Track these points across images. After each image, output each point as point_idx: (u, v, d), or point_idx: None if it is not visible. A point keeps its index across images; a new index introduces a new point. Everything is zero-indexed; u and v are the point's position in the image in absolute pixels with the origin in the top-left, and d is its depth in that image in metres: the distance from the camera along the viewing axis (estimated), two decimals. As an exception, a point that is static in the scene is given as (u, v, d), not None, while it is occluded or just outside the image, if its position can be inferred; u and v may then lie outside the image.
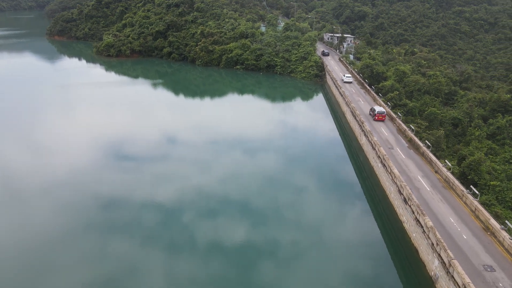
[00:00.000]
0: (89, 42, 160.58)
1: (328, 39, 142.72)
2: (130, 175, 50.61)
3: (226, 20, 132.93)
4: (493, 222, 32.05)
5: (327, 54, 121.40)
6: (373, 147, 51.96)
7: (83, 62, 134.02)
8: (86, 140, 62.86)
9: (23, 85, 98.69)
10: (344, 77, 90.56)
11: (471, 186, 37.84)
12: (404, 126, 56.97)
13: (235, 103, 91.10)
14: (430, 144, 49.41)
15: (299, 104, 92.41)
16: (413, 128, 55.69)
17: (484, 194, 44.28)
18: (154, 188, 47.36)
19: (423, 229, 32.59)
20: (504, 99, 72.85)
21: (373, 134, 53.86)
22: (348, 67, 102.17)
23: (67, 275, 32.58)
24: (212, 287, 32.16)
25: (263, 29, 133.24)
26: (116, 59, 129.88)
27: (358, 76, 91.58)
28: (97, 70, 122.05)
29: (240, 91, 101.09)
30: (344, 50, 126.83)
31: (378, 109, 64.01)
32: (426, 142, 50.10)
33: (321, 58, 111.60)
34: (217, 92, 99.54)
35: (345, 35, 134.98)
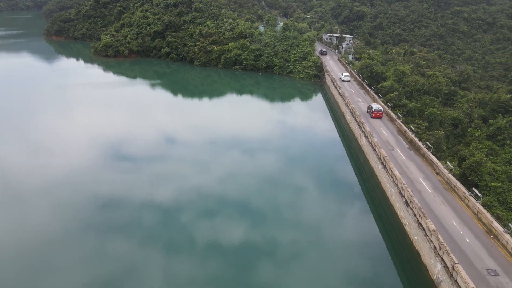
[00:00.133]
0: (87, 42, 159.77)
1: (327, 39, 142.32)
2: (129, 175, 50.40)
3: (225, 20, 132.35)
4: (496, 225, 31.66)
5: (325, 54, 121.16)
6: (373, 148, 51.56)
7: (81, 62, 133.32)
8: (84, 140, 62.52)
9: (21, 85, 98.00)
10: (342, 75, 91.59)
11: (473, 188, 37.45)
12: (404, 127, 56.60)
13: (234, 104, 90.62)
14: (431, 145, 49.01)
15: (298, 104, 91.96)
16: (413, 129, 55.31)
17: (485, 195, 43.91)
18: (153, 188, 47.18)
19: (425, 232, 32.18)
20: (504, 100, 72.57)
21: (373, 135, 53.46)
22: (347, 67, 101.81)
23: (66, 275, 32.51)
24: (211, 287, 31.93)
25: (262, 29, 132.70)
26: (114, 60, 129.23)
27: (357, 76, 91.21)
28: (95, 70, 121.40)
29: (239, 92, 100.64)
30: (343, 50, 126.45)
31: (375, 106, 65.54)
32: (427, 143, 49.70)
33: (320, 58, 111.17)
34: (215, 92, 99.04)
35: (344, 35, 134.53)
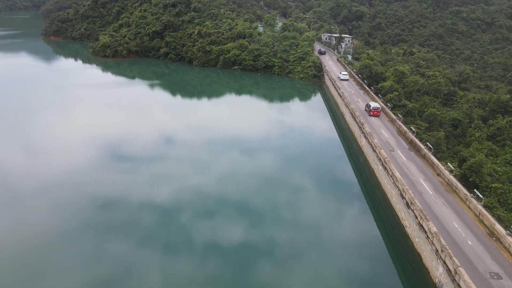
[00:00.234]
0: (85, 43, 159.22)
1: (326, 39, 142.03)
2: (128, 176, 50.36)
3: (224, 20, 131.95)
4: (498, 227, 31.38)
5: (324, 53, 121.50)
6: (373, 149, 51.26)
7: (79, 62, 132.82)
8: (84, 141, 62.34)
9: (20, 86, 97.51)
10: (340, 74, 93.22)
11: (475, 190, 37.18)
12: (404, 128, 56.30)
13: (233, 104, 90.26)
14: (431, 146, 48.72)
15: (297, 104, 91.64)
16: (414, 130, 55.02)
17: (485, 196, 43.61)
18: (152, 188, 47.15)
19: (427, 234, 31.88)
20: (504, 100, 72.33)
21: (373, 136, 53.15)
22: (346, 67, 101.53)
23: (65, 276, 32.48)
24: (210, 287, 31.82)
25: (261, 29, 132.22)
26: (112, 60, 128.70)
27: (357, 76, 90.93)
28: (93, 70, 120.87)
29: (237, 92, 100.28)
30: (342, 50, 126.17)
31: (373, 104, 66.48)
32: (428, 144, 49.39)
33: (319, 58, 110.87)
34: (214, 92, 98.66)
35: (343, 35, 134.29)
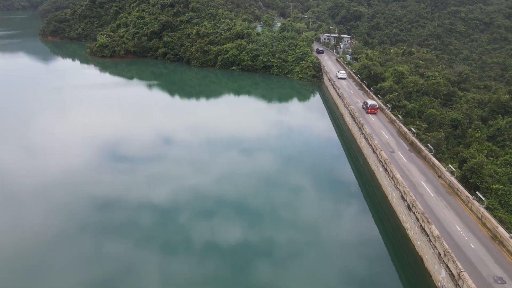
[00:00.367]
0: (82, 43, 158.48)
1: (324, 39, 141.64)
2: (126, 176, 50.13)
3: (222, 20, 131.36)
4: (501, 230, 31.00)
5: (322, 52, 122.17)
6: (373, 151, 50.84)
7: (77, 63, 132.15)
8: (82, 141, 61.99)
9: (17, 86, 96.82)
10: (338, 73, 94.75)
11: (477, 192, 36.81)
12: (405, 129, 55.89)
13: (232, 104, 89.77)
14: (432, 147, 48.31)
15: (296, 105, 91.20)
16: (414, 131, 54.61)
17: (486, 198, 43.19)
18: (150, 189, 46.95)
19: (429, 238, 31.48)
20: (503, 100, 72.11)
21: (373, 137, 52.73)
22: (345, 68, 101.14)
23: (63, 276, 32.29)
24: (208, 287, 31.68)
25: (259, 29, 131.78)
26: (110, 60, 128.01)
27: (356, 77, 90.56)
28: (91, 71, 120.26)
29: (236, 92, 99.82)
30: (341, 50, 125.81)
31: (370, 102, 68.22)
32: (428, 145, 48.98)
33: (318, 58, 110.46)
34: (213, 93, 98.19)
35: (342, 35, 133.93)
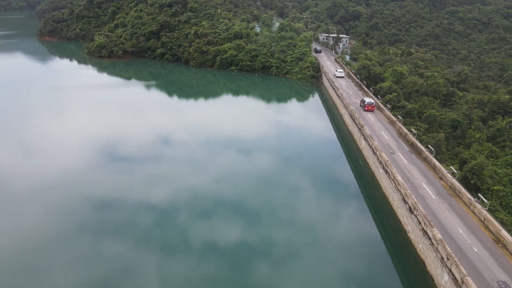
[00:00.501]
0: (80, 43, 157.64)
1: (323, 40, 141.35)
2: (125, 177, 49.79)
3: (220, 20, 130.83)
4: (504, 233, 30.63)
5: (319, 51, 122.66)
6: (374, 152, 50.45)
7: (75, 63, 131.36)
8: (80, 142, 61.53)
9: (15, 87, 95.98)
10: (336, 72, 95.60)
11: (479, 195, 36.45)
12: (405, 130, 55.52)
13: (230, 105, 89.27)
14: (433, 149, 47.94)
15: (295, 105, 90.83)
16: (414, 132, 54.23)
17: (487, 199, 42.88)
18: (148, 189, 46.62)
19: (431, 241, 31.08)
20: (503, 101, 71.91)
21: (373, 138, 52.35)
22: (344, 68, 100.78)
23: (61, 277, 32.04)
24: (207, 288, 31.51)
25: (258, 29, 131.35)
26: (108, 60, 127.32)
27: (355, 77, 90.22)
28: (89, 71, 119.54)
29: (235, 93, 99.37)
30: (340, 50, 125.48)
31: (368, 100, 69.57)
32: (429, 147, 48.60)
33: (317, 59, 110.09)
34: (211, 93, 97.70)
35: (340, 36, 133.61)
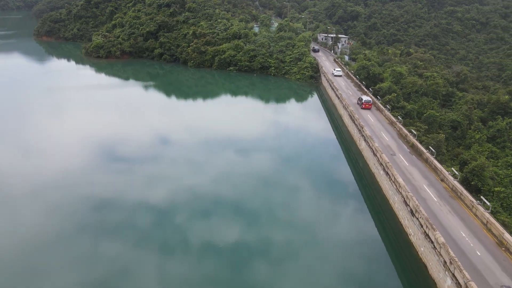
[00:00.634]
0: (78, 43, 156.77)
1: (322, 40, 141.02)
2: (124, 177, 49.59)
3: (219, 20, 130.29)
4: (507, 236, 30.28)
5: (317, 51, 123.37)
6: (374, 154, 50.06)
7: (72, 63, 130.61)
8: (78, 143, 61.19)
9: (12, 87, 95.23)
10: (334, 71, 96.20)
11: (482, 197, 36.11)
12: (405, 131, 55.14)
13: (229, 105, 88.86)
14: (434, 150, 47.57)
15: (294, 106, 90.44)
16: (415, 133, 53.85)
17: (488, 200, 42.64)
18: (147, 189, 46.43)
19: (434, 244, 30.71)
20: (503, 101, 71.71)
21: (373, 140, 51.96)
22: (344, 68, 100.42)
23: (60, 278, 31.86)
24: (206, 288, 31.34)
25: (256, 29, 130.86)
26: (106, 61, 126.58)
27: (354, 78, 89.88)
28: (86, 71, 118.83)
29: (233, 93, 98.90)
30: (339, 50, 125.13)
31: (365, 98, 70.87)
32: (430, 148, 48.23)
33: (316, 59, 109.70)
34: (210, 94, 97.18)
35: (339, 36, 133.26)
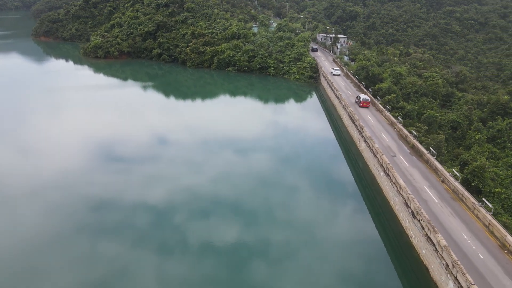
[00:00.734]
0: (76, 43, 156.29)
1: (321, 40, 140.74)
2: (123, 178, 49.43)
3: (217, 20, 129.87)
4: (510, 239, 29.97)
5: (316, 50, 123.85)
6: (374, 155, 49.75)
7: (70, 64, 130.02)
8: (77, 143, 60.96)
9: (10, 87, 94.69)
10: (333, 70, 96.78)
11: (484, 199, 35.84)
12: (405, 132, 54.85)
13: (228, 106, 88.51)
14: (434, 151, 47.28)
15: (293, 106, 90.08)
16: (415, 133, 53.57)
17: (489, 202, 42.43)
18: (146, 189, 46.30)
19: (435, 247, 30.41)
20: (503, 101, 71.51)
21: (374, 141, 51.65)
22: (343, 69, 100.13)
23: (58, 278, 31.72)
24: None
25: (255, 29, 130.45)
26: (104, 61, 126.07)
27: (354, 78, 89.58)
28: (85, 72, 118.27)
29: (232, 93, 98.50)
30: (338, 51, 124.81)
31: (363, 96, 71.66)
32: (431, 149, 47.94)
33: (315, 59, 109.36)
34: (209, 94, 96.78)
35: (338, 36, 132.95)
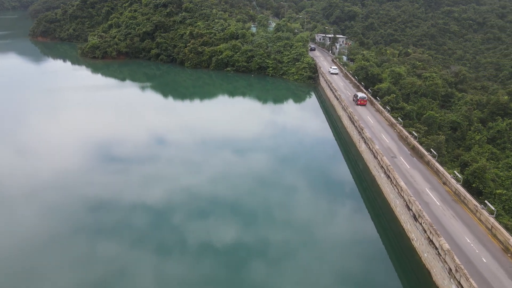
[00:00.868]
0: (73, 44, 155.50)
1: (320, 40, 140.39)
2: (121, 178, 49.16)
3: (216, 20, 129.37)
4: (513, 242, 29.69)
5: (313, 49, 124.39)
6: (374, 156, 49.33)
7: (68, 64, 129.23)
8: (75, 144, 60.55)
9: (7, 88, 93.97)
10: (330, 69, 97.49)
11: (486, 201, 35.46)
12: (405, 133, 54.47)
13: (226, 106, 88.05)
14: (435, 153, 46.89)
15: (292, 107, 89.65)
16: (415, 135, 53.20)
17: (490, 203, 42.06)
18: (145, 190, 46.03)
19: (438, 251, 30.00)
20: (503, 102, 71.30)
21: (374, 142, 51.23)
22: (342, 69, 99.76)
23: (58, 278, 31.52)
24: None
25: (254, 29, 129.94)
26: (102, 61, 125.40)
27: (353, 78, 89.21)
28: (82, 72, 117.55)
29: (231, 94, 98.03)
30: (337, 51, 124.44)
31: (360, 95, 72.44)
32: (432, 150, 47.57)
33: (314, 59, 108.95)
34: (207, 94, 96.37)
35: (337, 36, 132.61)
